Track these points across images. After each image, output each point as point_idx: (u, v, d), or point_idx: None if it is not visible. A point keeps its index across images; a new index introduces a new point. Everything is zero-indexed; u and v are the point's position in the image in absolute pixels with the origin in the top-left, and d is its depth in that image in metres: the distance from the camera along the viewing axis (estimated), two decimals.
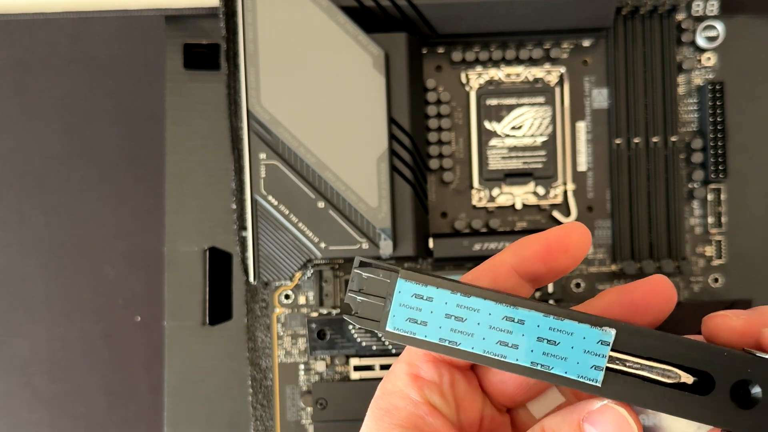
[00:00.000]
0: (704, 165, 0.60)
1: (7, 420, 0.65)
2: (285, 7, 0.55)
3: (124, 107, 0.64)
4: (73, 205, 0.64)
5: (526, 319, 0.31)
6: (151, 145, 0.64)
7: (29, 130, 0.64)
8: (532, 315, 0.31)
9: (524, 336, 0.31)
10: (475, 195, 0.60)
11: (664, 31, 0.60)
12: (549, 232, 0.36)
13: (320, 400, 0.58)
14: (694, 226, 0.61)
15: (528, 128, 0.60)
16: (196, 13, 0.61)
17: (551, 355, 0.31)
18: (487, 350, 0.31)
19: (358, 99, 0.55)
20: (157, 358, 0.64)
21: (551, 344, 0.31)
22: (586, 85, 0.61)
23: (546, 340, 0.31)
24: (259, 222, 0.56)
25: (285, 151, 0.56)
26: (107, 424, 0.65)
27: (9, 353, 0.65)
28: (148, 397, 0.64)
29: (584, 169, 0.61)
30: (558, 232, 0.36)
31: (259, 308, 0.60)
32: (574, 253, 0.35)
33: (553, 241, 0.36)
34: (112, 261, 0.64)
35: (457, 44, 0.60)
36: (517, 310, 0.31)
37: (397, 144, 0.56)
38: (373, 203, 0.56)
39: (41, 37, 0.64)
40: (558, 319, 0.31)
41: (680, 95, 0.60)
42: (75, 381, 0.65)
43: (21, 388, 0.65)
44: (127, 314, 0.65)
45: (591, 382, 0.31)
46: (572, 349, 0.31)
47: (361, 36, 0.55)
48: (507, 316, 0.31)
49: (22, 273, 0.64)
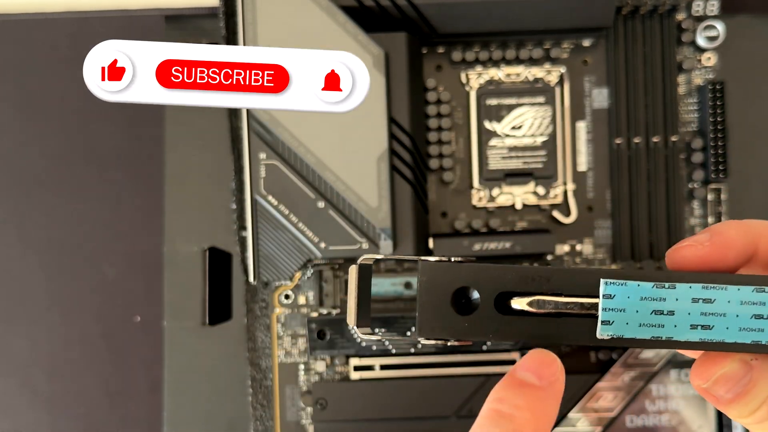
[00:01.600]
0: (704, 165, 0.60)
1: (6, 420, 0.65)
2: (285, 7, 0.55)
3: (124, 107, 0.64)
4: (73, 205, 0.64)
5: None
6: (150, 145, 0.63)
7: (29, 130, 0.64)
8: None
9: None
10: (475, 195, 0.60)
11: (664, 30, 0.60)
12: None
13: (320, 401, 0.58)
14: (695, 226, 0.61)
15: (528, 128, 0.60)
16: (196, 12, 0.61)
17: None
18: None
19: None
20: (156, 358, 0.63)
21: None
22: (587, 84, 0.61)
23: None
24: (258, 222, 0.56)
25: (285, 150, 0.56)
26: (107, 423, 0.65)
27: (8, 353, 0.65)
28: (148, 397, 0.64)
29: (584, 169, 0.61)
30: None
31: (258, 308, 0.60)
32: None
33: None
34: (111, 261, 0.64)
35: (457, 44, 0.60)
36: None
37: (397, 144, 0.56)
38: (373, 203, 0.56)
39: (41, 37, 0.64)
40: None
41: (680, 95, 0.60)
42: (74, 381, 0.65)
43: (20, 388, 0.65)
44: (126, 314, 0.65)
45: None
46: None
47: (361, 35, 0.55)
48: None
49: (22, 273, 0.64)
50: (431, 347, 0.58)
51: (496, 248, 0.57)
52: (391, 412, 0.57)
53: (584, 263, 0.61)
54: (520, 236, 0.58)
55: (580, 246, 0.61)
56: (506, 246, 0.57)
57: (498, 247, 0.57)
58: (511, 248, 0.57)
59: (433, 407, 0.58)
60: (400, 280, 0.60)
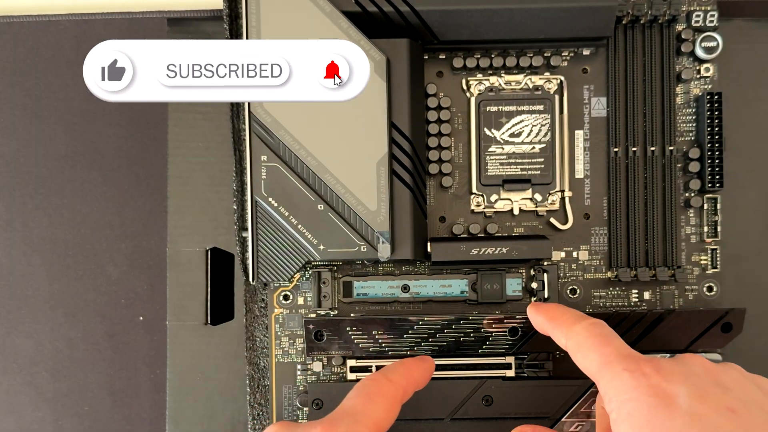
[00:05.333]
0: (701, 174, 0.60)
1: (11, 418, 0.65)
2: (288, 11, 0.56)
3: (127, 109, 0.64)
4: (77, 206, 0.64)
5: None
6: (153, 147, 0.64)
7: (33, 132, 0.65)
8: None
9: None
10: (474, 200, 0.61)
11: (663, 41, 0.60)
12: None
13: (316, 401, 0.58)
14: (690, 234, 0.61)
15: (527, 135, 0.60)
16: (199, 15, 0.62)
17: None
18: None
19: (359, 103, 0.56)
20: (159, 357, 0.64)
21: None
22: (585, 93, 0.61)
23: None
24: (259, 223, 0.57)
25: (286, 153, 0.56)
26: (110, 422, 0.65)
27: (13, 352, 0.65)
28: (151, 396, 0.64)
29: (582, 177, 0.61)
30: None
31: (258, 308, 0.61)
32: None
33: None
34: (115, 261, 0.65)
35: (459, 51, 0.61)
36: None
37: (397, 148, 0.57)
38: (372, 206, 0.56)
39: (45, 39, 0.64)
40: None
41: (678, 105, 0.61)
42: (78, 380, 0.65)
43: (25, 387, 0.65)
44: (129, 314, 0.65)
45: None
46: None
47: (364, 41, 0.56)
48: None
49: (26, 273, 0.65)
50: (426, 350, 0.58)
51: (494, 253, 0.57)
52: None
53: (579, 270, 0.61)
54: (517, 242, 0.58)
55: (576, 252, 0.61)
56: (503, 251, 0.57)
57: (495, 252, 0.57)
58: (508, 253, 0.57)
59: (428, 409, 0.58)
60: (397, 283, 0.60)
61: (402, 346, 0.58)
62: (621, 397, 0.44)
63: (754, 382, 0.45)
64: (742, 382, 0.45)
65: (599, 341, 0.48)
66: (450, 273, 0.61)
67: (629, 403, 0.43)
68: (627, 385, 0.44)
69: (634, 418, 0.42)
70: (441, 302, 0.61)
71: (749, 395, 0.44)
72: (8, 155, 0.65)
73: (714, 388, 0.43)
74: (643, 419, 0.42)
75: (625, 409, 0.43)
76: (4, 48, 0.65)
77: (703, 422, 0.41)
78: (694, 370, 0.45)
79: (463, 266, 0.60)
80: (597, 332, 0.49)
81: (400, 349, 0.58)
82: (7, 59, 0.65)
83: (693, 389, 0.43)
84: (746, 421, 0.42)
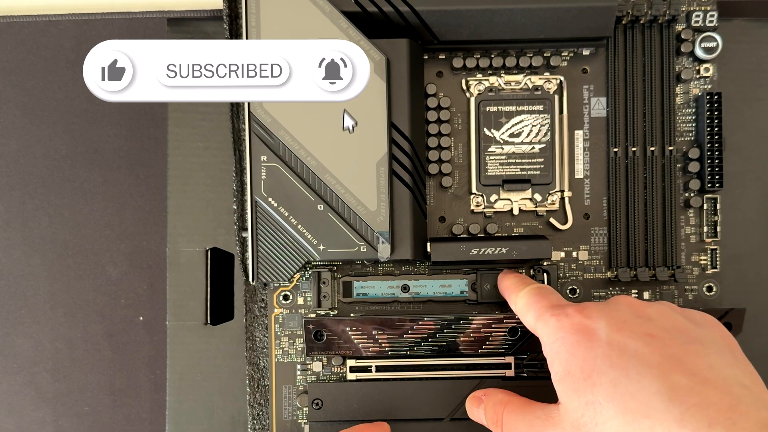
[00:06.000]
0: (700, 174, 0.60)
1: (11, 418, 0.65)
2: (288, 11, 0.56)
3: (127, 109, 0.64)
4: (77, 206, 0.64)
5: None
6: (153, 147, 0.64)
7: (33, 132, 0.65)
8: None
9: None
10: (474, 200, 0.61)
11: (663, 41, 0.60)
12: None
13: (316, 401, 0.58)
14: (690, 234, 0.61)
15: (527, 135, 0.60)
16: (199, 15, 0.62)
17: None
18: None
19: (359, 103, 0.56)
20: (159, 357, 0.64)
21: None
22: (585, 93, 0.61)
23: None
24: (258, 223, 0.57)
25: (286, 153, 0.56)
26: (110, 422, 0.65)
27: (13, 352, 0.65)
28: (151, 396, 0.64)
29: (581, 177, 0.61)
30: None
31: (258, 308, 0.61)
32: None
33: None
34: (115, 261, 0.65)
35: (458, 51, 0.61)
36: None
37: (396, 148, 0.57)
38: (372, 207, 0.56)
39: (45, 39, 0.64)
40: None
41: (678, 105, 0.61)
42: (78, 380, 0.65)
43: (25, 387, 0.65)
44: (129, 314, 0.65)
45: None
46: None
47: (364, 41, 0.56)
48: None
49: (26, 273, 0.65)
50: (426, 350, 0.58)
51: (494, 253, 0.57)
52: (385, 413, 0.58)
53: (579, 270, 0.61)
54: (517, 242, 0.58)
55: (576, 252, 0.61)
56: (503, 251, 0.57)
57: (495, 252, 0.57)
58: (508, 253, 0.57)
59: (427, 409, 0.58)
60: (397, 283, 0.60)
61: (402, 346, 0.58)
62: (549, 339, 0.49)
63: (683, 315, 0.48)
64: (667, 313, 0.48)
65: (536, 299, 0.53)
66: (450, 273, 0.61)
67: (556, 343, 0.48)
68: (553, 327, 0.49)
69: (561, 355, 0.47)
70: (441, 302, 0.61)
71: (673, 323, 0.47)
72: (8, 155, 0.65)
73: (635, 319, 0.47)
74: (568, 354, 0.47)
75: (553, 349, 0.48)
76: (4, 48, 0.65)
77: (621, 348, 0.45)
78: (618, 307, 0.49)
79: (462, 266, 0.60)
80: (536, 292, 0.53)
81: (399, 349, 0.58)
82: (7, 59, 0.65)
83: (612, 322, 0.47)
84: (665, 344, 0.45)
